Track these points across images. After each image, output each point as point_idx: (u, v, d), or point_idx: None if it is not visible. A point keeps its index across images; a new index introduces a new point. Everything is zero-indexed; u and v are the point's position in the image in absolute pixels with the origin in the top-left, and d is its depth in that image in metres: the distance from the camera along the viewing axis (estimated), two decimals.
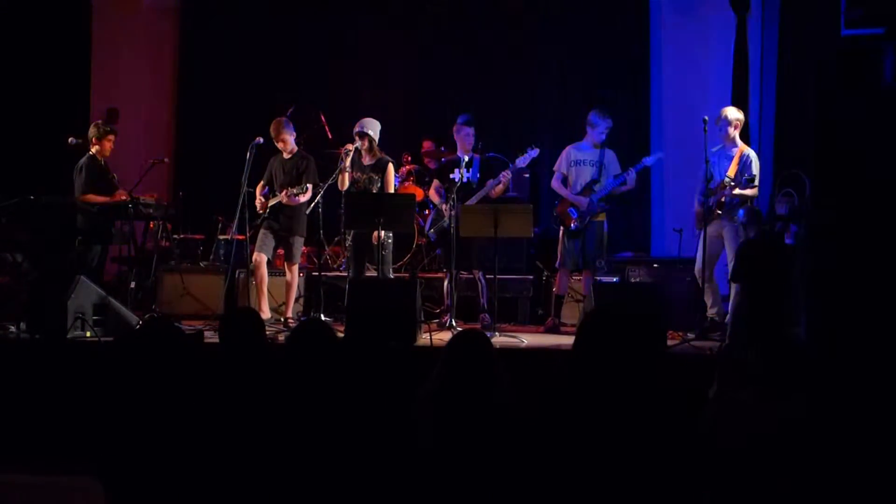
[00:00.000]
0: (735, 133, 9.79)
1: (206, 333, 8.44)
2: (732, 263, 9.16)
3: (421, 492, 4.16)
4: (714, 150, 9.75)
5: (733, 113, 9.85)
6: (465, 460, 4.17)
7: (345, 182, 9.91)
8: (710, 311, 9.73)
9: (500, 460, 4.12)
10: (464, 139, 10.16)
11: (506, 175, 9.90)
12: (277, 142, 10.19)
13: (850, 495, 3.59)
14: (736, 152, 9.75)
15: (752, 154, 9.85)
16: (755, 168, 9.70)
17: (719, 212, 9.61)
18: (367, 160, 10.06)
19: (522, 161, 9.85)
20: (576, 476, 3.92)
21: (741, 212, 8.99)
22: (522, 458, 4.06)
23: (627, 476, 3.88)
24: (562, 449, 4.00)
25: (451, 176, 10.09)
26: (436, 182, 10.47)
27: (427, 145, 12.76)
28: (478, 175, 10.09)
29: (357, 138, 9.99)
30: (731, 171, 9.66)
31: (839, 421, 3.76)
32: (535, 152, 9.84)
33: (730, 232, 9.53)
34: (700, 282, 9.73)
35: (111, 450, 4.08)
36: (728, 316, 9.16)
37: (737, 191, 9.56)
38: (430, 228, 10.45)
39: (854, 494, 3.59)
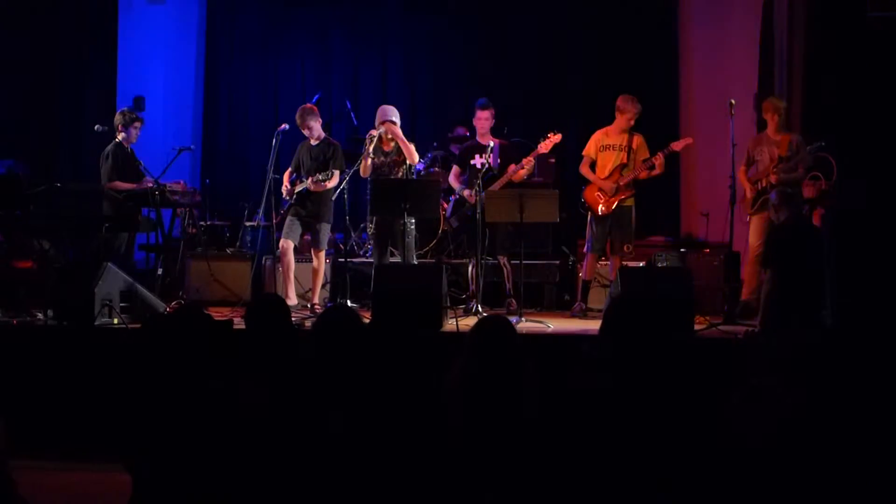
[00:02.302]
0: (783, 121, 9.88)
1: (235, 320, 8.48)
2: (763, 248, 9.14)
3: (448, 476, 4.16)
4: (759, 138, 9.82)
5: (780, 101, 10.00)
6: (491, 445, 4.17)
7: (367, 168, 9.91)
8: (749, 296, 9.69)
9: (526, 444, 4.12)
10: (482, 123, 10.14)
11: (528, 161, 9.88)
12: (303, 129, 10.20)
13: (875, 481, 3.56)
14: (782, 136, 9.76)
15: (800, 138, 9.85)
16: (805, 148, 9.70)
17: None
18: (388, 146, 10.06)
19: (545, 147, 9.83)
20: (601, 459, 3.92)
21: (772, 194, 8.94)
22: (548, 442, 4.05)
23: (653, 459, 3.87)
24: (588, 433, 3.99)
25: (472, 162, 10.08)
26: (455, 168, 10.45)
27: (458, 131, 12.75)
28: (498, 161, 10.05)
29: (384, 127, 9.96)
30: (783, 151, 9.67)
31: (865, 407, 3.74)
32: (557, 138, 9.80)
33: None
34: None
35: (137, 439, 4.09)
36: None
37: (782, 175, 9.56)
38: (451, 215, 10.43)
39: (880, 481, 3.57)
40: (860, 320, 8.48)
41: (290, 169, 10.35)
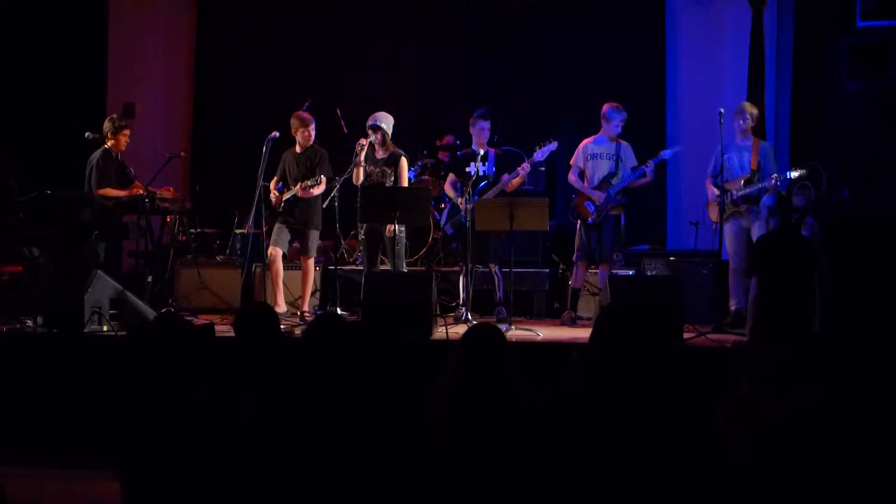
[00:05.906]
0: (752, 127, 9.88)
1: (222, 327, 8.47)
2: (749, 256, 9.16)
3: (435, 485, 4.16)
4: (727, 143, 9.82)
5: (753, 108, 9.96)
6: (479, 454, 4.17)
7: (359, 176, 9.93)
8: (737, 305, 9.70)
9: (514, 454, 4.12)
10: (479, 133, 10.16)
11: (524, 168, 9.90)
12: (296, 135, 10.17)
13: (862, 488, 3.57)
14: (752, 144, 9.80)
15: (769, 145, 9.91)
16: (773, 160, 9.74)
17: (745, 206, 9.65)
18: (380, 154, 10.10)
19: (540, 154, 9.85)
20: (590, 470, 3.92)
21: (770, 198, 8.90)
22: (536, 452, 4.05)
23: (642, 470, 3.87)
24: (577, 443, 4.00)
25: (467, 170, 10.08)
26: (451, 176, 10.45)
27: (448, 139, 12.76)
28: (493, 169, 10.09)
29: (370, 132, 10.02)
30: (753, 163, 9.70)
31: (854, 415, 3.75)
32: (553, 145, 9.83)
33: (760, 228, 9.49)
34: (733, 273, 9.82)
35: (126, 445, 4.09)
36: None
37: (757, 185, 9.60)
38: (445, 223, 10.45)
39: (867, 487, 3.58)
40: (849, 328, 8.51)
41: (275, 178, 10.32)
